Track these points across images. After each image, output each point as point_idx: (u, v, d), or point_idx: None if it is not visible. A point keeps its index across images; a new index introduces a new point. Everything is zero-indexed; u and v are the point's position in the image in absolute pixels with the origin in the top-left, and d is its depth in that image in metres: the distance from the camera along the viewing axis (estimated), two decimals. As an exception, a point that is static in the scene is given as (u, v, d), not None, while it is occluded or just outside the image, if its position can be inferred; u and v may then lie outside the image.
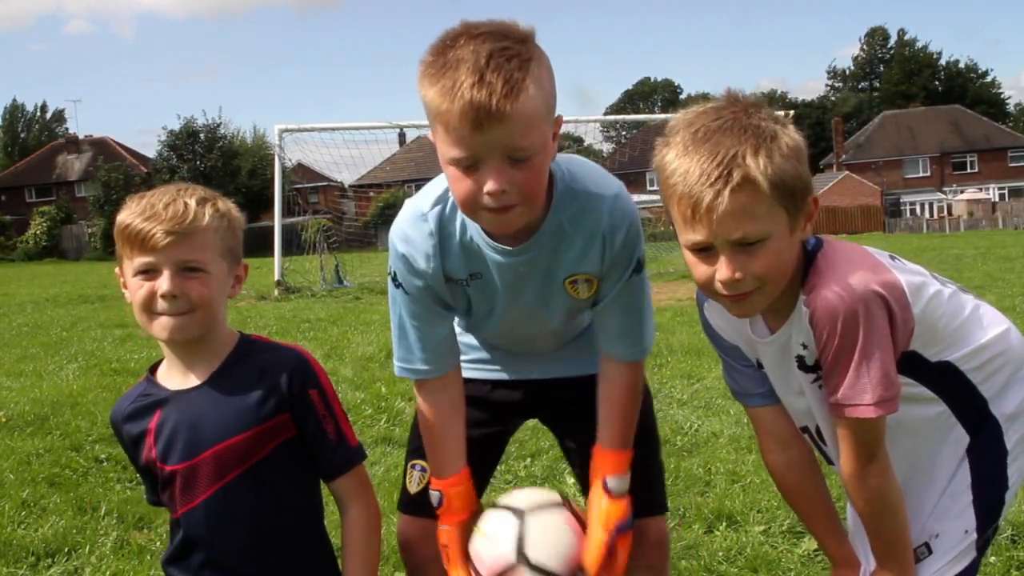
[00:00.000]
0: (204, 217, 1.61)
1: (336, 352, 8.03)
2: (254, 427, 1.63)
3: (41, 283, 21.96)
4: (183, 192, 1.64)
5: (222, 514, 1.65)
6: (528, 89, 1.49)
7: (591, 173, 1.78)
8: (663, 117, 19.93)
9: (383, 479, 4.06)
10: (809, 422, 1.81)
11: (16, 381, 7.03)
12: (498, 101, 1.46)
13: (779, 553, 3.09)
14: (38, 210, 48.79)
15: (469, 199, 1.59)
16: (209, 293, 1.62)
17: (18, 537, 3.48)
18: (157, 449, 1.66)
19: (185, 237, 1.59)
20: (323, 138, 17.42)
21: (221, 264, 1.65)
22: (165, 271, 1.59)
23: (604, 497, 1.82)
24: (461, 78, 1.47)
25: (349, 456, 1.72)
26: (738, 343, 1.84)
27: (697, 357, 6.83)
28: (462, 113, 1.47)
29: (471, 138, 1.50)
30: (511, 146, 1.52)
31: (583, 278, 1.78)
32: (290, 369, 1.67)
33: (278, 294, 15.02)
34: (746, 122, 1.53)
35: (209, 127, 45.97)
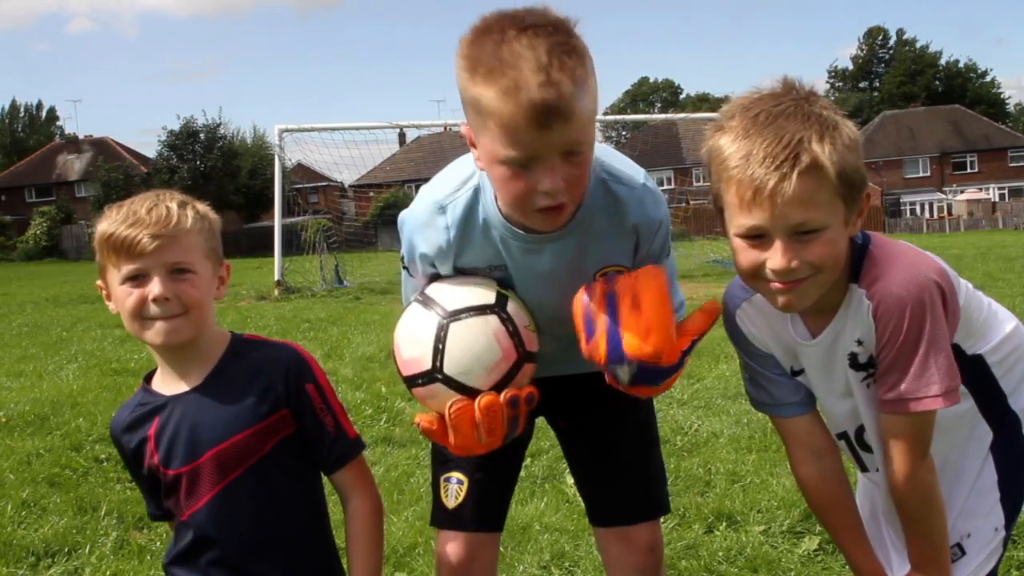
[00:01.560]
0: (187, 219, 1.62)
1: (336, 352, 8.03)
2: (253, 425, 1.64)
3: (41, 283, 21.96)
4: (162, 197, 1.65)
5: (227, 513, 1.65)
6: (589, 84, 1.47)
7: (616, 161, 1.73)
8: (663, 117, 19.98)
9: (383, 479, 4.06)
10: (850, 426, 1.77)
11: (16, 381, 7.03)
12: (567, 101, 1.41)
13: (779, 553, 3.09)
14: (38, 210, 48.76)
15: (522, 199, 1.53)
16: (199, 294, 1.63)
17: (18, 537, 3.48)
18: (159, 454, 1.67)
19: (171, 240, 1.60)
20: (323, 138, 17.44)
21: (206, 265, 1.66)
22: (155, 276, 1.59)
23: None
24: (525, 77, 1.40)
25: (348, 448, 1.73)
26: (774, 350, 1.78)
27: (697, 357, 6.82)
28: (529, 114, 1.41)
29: (534, 138, 1.44)
30: (572, 143, 1.47)
31: (614, 270, 1.71)
32: (285, 365, 1.67)
33: (278, 294, 15.02)
34: (808, 109, 1.49)
35: (209, 127, 45.95)
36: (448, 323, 1.66)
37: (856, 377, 1.67)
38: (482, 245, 1.71)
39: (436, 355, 1.66)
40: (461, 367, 1.65)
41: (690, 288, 13.24)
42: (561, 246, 1.70)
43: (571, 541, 3.26)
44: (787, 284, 1.55)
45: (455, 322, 1.66)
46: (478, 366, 1.65)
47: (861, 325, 1.60)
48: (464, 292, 1.72)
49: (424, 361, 1.67)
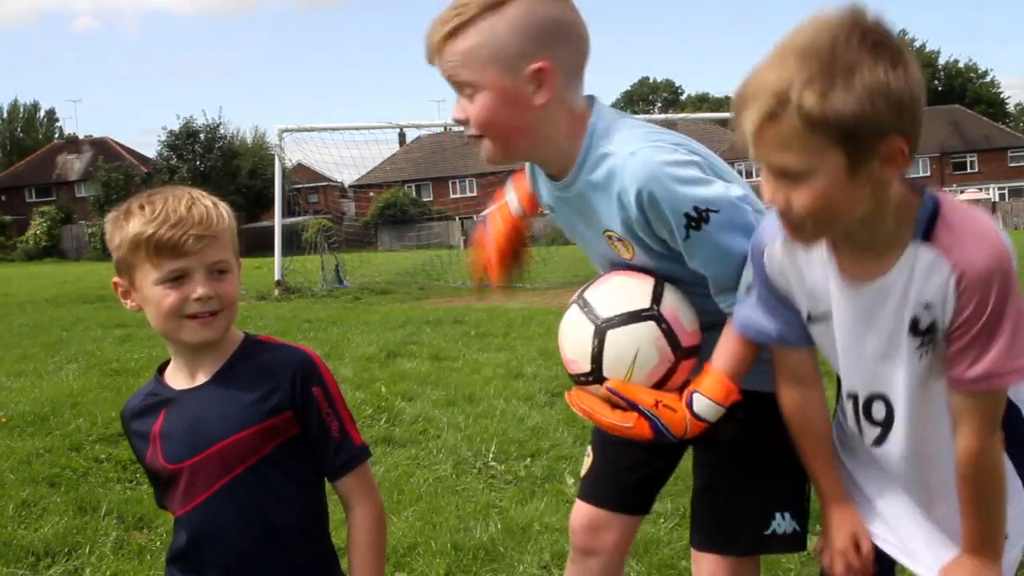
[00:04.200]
0: (224, 218, 1.64)
1: (336, 352, 8.03)
2: (256, 424, 1.64)
3: (41, 283, 21.96)
4: (194, 195, 1.65)
5: (225, 512, 1.65)
6: (469, 30, 1.67)
7: (619, 132, 1.73)
8: (663, 117, 19.96)
9: (383, 479, 4.06)
10: (862, 390, 1.66)
11: (16, 381, 7.03)
12: (438, 39, 1.69)
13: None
14: (38, 210, 48.79)
15: None
16: (235, 292, 1.66)
17: (18, 537, 3.48)
18: (162, 449, 1.68)
19: (213, 240, 1.61)
20: (323, 138, 17.43)
21: (235, 262, 1.68)
22: (197, 275, 1.60)
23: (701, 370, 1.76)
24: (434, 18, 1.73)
25: (353, 455, 1.71)
26: (796, 294, 1.67)
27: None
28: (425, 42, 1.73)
29: (436, 66, 1.74)
30: (450, 79, 1.72)
31: (616, 236, 1.78)
32: (293, 367, 1.67)
33: (278, 294, 15.02)
34: (831, 47, 1.38)
35: (209, 127, 46.00)
36: (604, 330, 1.74)
37: (911, 343, 1.56)
38: (536, 180, 1.95)
39: (594, 361, 1.74)
40: (618, 374, 1.73)
41: (690, 288, 13.22)
42: (572, 196, 1.81)
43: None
44: (782, 224, 1.53)
45: (610, 330, 1.73)
46: (635, 370, 1.73)
47: (933, 290, 1.50)
48: (620, 297, 1.77)
49: (583, 365, 1.76)
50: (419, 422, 5.20)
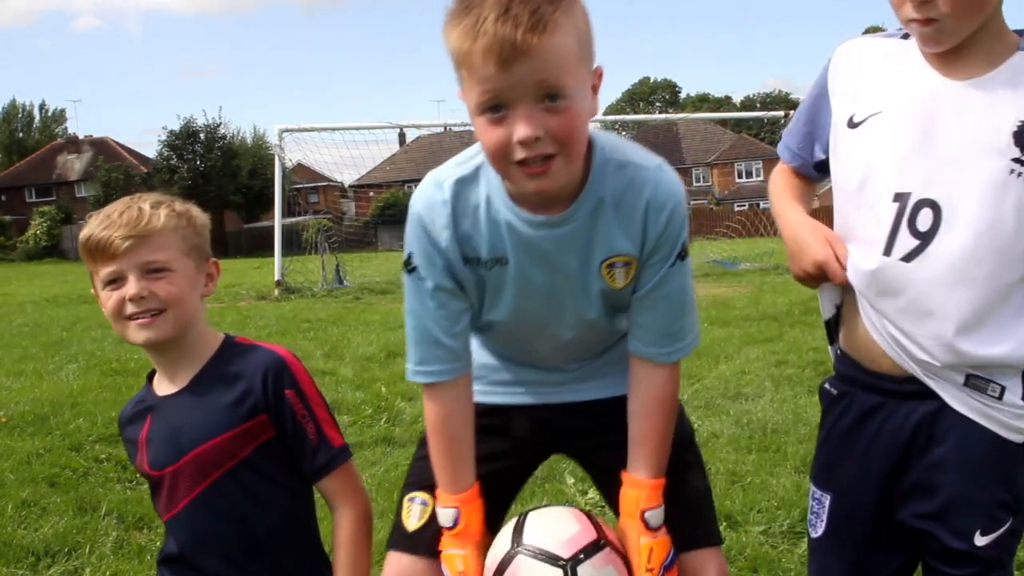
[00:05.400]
0: (160, 218, 1.63)
1: (336, 352, 8.03)
2: (231, 429, 1.64)
3: (41, 283, 21.96)
4: (137, 199, 1.67)
5: (205, 517, 1.66)
6: (558, 22, 1.38)
7: (631, 145, 1.66)
8: (663, 117, 19.99)
9: (383, 479, 4.06)
10: (919, 191, 1.53)
11: (16, 381, 7.03)
12: (524, 33, 1.35)
13: (779, 553, 3.09)
14: (38, 210, 48.78)
15: (499, 152, 1.44)
16: (178, 291, 1.63)
17: (18, 537, 3.48)
18: (148, 455, 1.69)
19: (143, 240, 1.61)
20: (323, 138, 17.45)
21: (187, 262, 1.66)
22: (130, 276, 1.61)
23: (645, 535, 1.65)
24: (485, 14, 1.37)
25: (331, 457, 1.69)
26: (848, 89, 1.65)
27: (697, 357, 6.82)
28: (486, 49, 1.36)
29: (497, 77, 1.38)
30: (542, 84, 1.39)
31: (622, 261, 1.61)
32: (265, 370, 1.66)
33: (278, 294, 15.02)
34: None
35: (209, 127, 45.99)
36: (575, 566, 1.57)
37: (1008, 151, 1.47)
38: (485, 228, 1.61)
39: None
40: None
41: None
42: (568, 231, 1.59)
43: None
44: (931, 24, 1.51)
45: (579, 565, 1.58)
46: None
47: None
48: (557, 526, 1.66)
49: None
50: (419, 422, 5.20)
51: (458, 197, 1.60)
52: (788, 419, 4.80)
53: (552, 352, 1.79)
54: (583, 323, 1.70)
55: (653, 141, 25.47)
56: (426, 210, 1.62)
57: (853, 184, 1.62)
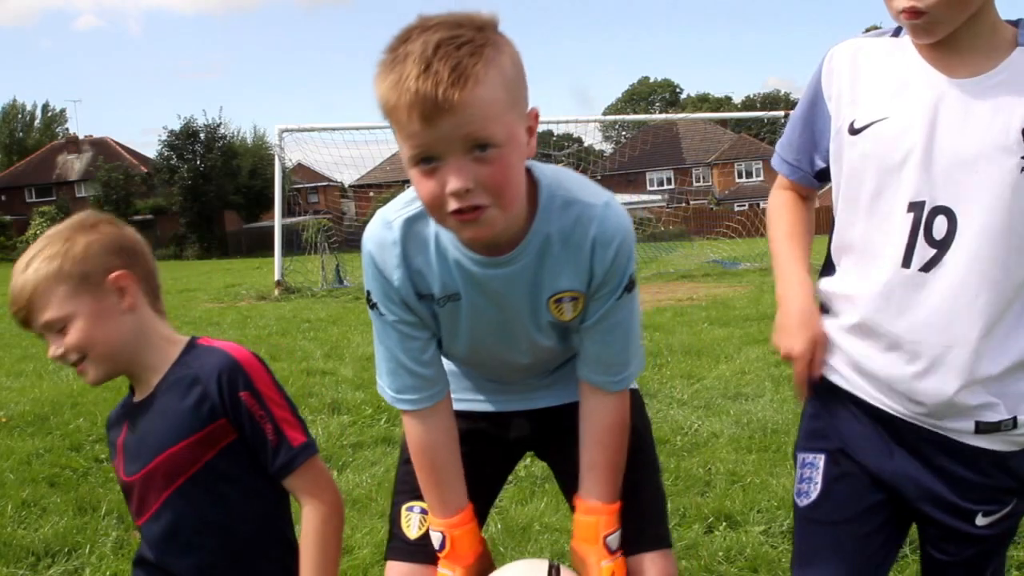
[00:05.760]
0: (29, 283, 1.60)
1: (336, 352, 8.03)
2: (192, 435, 1.62)
3: (41, 283, 21.94)
4: (20, 264, 1.63)
5: (174, 522, 1.65)
6: (479, 75, 1.37)
7: (578, 182, 1.65)
8: (663, 117, 20.00)
9: (383, 479, 4.06)
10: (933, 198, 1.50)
11: (16, 381, 7.03)
12: (445, 89, 1.35)
13: (779, 553, 3.08)
14: (38, 210, 48.74)
15: (434, 203, 1.45)
16: (83, 336, 1.61)
17: (18, 537, 3.48)
18: (124, 461, 1.71)
19: (29, 309, 1.61)
20: (323, 138, 17.43)
21: (79, 301, 1.60)
22: (47, 337, 1.64)
23: (607, 559, 1.69)
24: (407, 70, 1.37)
25: (292, 456, 1.66)
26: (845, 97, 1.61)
27: (697, 357, 6.83)
28: (409, 107, 1.37)
29: (423, 133, 1.39)
30: (469, 137, 1.39)
31: (568, 296, 1.64)
32: (217, 373, 1.63)
33: (278, 294, 15.03)
34: None
35: (209, 127, 45.98)
36: None
37: (1018, 149, 1.45)
38: (437, 266, 1.62)
39: None
40: None
41: (690, 288, 13.25)
42: (515, 270, 1.60)
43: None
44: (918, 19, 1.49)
45: None
46: None
47: None
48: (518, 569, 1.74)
49: None
50: (419, 422, 5.19)
51: (407, 236, 1.61)
52: (788, 419, 4.80)
53: (511, 373, 1.84)
54: (537, 348, 1.74)
55: (653, 141, 25.42)
56: (377, 249, 1.63)
57: (863, 195, 1.58)
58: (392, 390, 1.73)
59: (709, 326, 8.56)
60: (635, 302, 1.69)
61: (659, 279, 14.72)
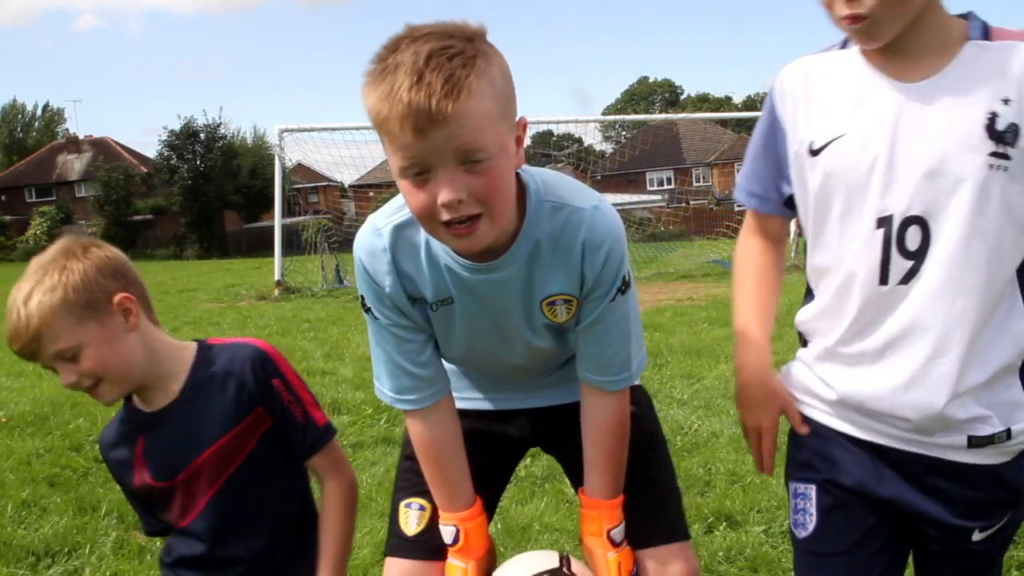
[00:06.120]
0: (34, 318, 1.60)
1: (336, 352, 8.03)
2: (236, 425, 1.70)
3: (41, 283, 21.94)
4: (19, 291, 1.63)
5: (228, 511, 1.72)
6: (472, 86, 1.37)
7: (568, 185, 1.65)
8: (663, 117, 20.00)
9: (383, 479, 4.06)
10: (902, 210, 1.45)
11: (16, 381, 7.04)
12: (438, 101, 1.35)
13: (779, 553, 3.09)
14: (38, 210, 48.78)
15: (425, 214, 1.46)
16: (95, 362, 1.64)
17: (18, 537, 3.49)
18: (149, 471, 1.73)
19: (37, 342, 1.62)
20: (323, 138, 17.39)
21: (86, 329, 1.63)
22: (57, 366, 1.66)
23: (612, 551, 1.73)
24: (399, 81, 1.37)
25: (318, 436, 1.78)
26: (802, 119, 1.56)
27: (697, 357, 6.83)
28: (401, 118, 1.37)
29: (415, 144, 1.39)
30: (461, 149, 1.39)
31: (561, 299, 1.64)
32: (251, 364, 1.73)
33: (278, 294, 15.02)
34: None
35: (209, 127, 45.96)
36: None
37: (984, 149, 1.40)
38: (428, 272, 1.63)
39: None
40: None
41: (690, 288, 13.25)
42: (506, 275, 1.61)
43: (571, 541, 3.25)
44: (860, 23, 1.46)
45: None
46: None
47: (1006, 79, 1.40)
48: (529, 562, 1.76)
49: None
50: (419, 422, 5.20)
51: (397, 242, 1.62)
52: (788, 419, 4.80)
53: (509, 373, 1.85)
54: (533, 350, 1.74)
55: (653, 141, 25.42)
56: (368, 256, 1.65)
57: (831, 216, 1.54)
58: (391, 391, 1.74)
59: (709, 326, 8.56)
60: (631, 303, 1.69)
61: (659, 279, 14.72)
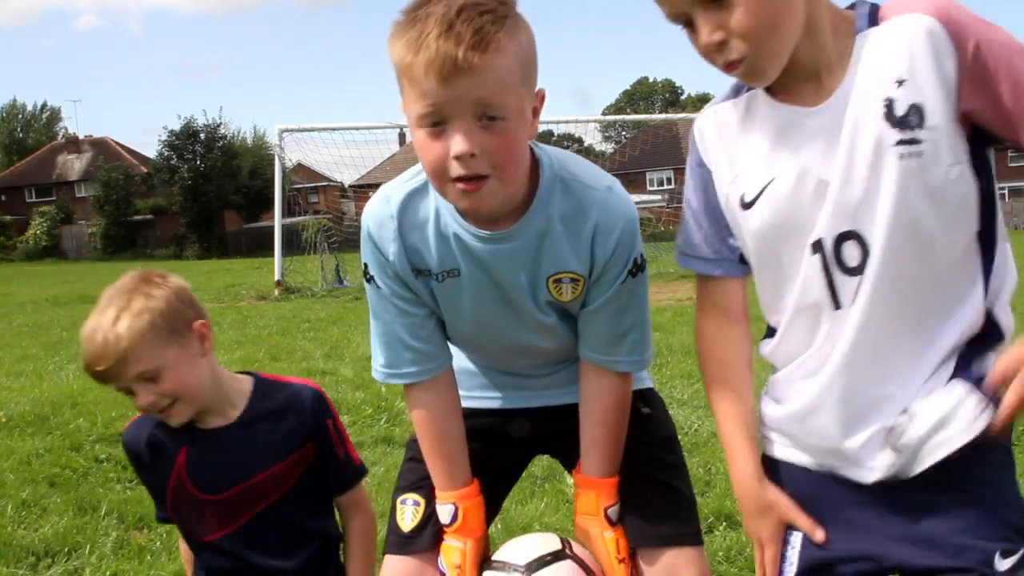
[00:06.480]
0: (123, 339, 1.67)
1: (336, 352, 8.03)
2: (288, 456, 1.82)
3: (41, 283, 21.96)
4: (104, 313, 1.69)
5: (259, 534, 1.82)
6: (500, 42, 1.38)
7: (581, 164, 1.65)
8: (663, 117, 19.99)
9: (383, 479, 4.07)
10: (831, 230, 1.35)
11: (16, 381, 7.03)
12: (466, 51, 1.36)
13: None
14: (38, 210, 48.83)
15: (437, 166, 1.46)
16: (176, 383, 1.72)
17: (18, 537, 3.48)
18: (191, 480, 1.81)
19: (123, 362, 1.67)
20: (323, 138, 17.43)
21: (169, 352, 1.71)
22: (135, 388, 1.71)
23: (608, 530, 1.73)
24: (428, 28, 1.38)
25: (355, 474, 1.93)
26: (726, 176, 1.46)
27: (697, 357, 6.81)
28: (428, 64, 1.37)
29: (437, 92, 1.39)
30: (481, 102, 1.40)
31: (568, 277, 1.63)
32: (310, 404, 1.87)
33: (278, 294, 15.03)
34: None
35: (209, 127, 45.96)
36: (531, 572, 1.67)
37: (891, 140, 1.28)
38: (434, 241, 1.63)
39: None
40: None
41: (689, 288, 13.21)
42: (515, 247, 1.60)
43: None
44: (735, 63, 1.37)
45: (538, 572, 1.66)
46: None
47: (901, 58, 1.27)
48: (530, 543, 1.75)
49: None
50: (419, 422, 5.20)
51: (405, 211, 1.63)
52: (788, 419, 4.80)
53: (520, 356, 1.82)
54: (542, 327, 1.72)
55: (653, 141, 25.39)
56: (374, 223, 1.66)
57: (774, 259, 1.45)
58: (384, 365, 1.74)
59: (709, 326, 8.55)
60: (643, 285, 1.69)
61: (659, 279, 14.71)
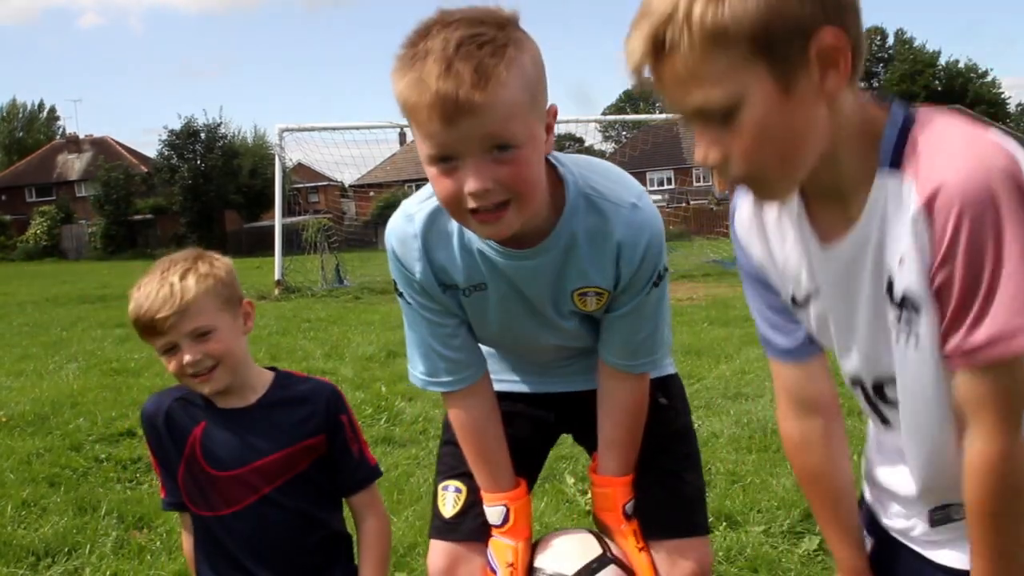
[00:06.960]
0: (191, 290, 1.75)
1: (336, 352, 8.03)
2: (298, 443, 1.84)
3: (41, 283, 21.95)
4: (165, 270, 1.79)
5: (264, 517, 1.83)
6: (501, 76, 1.36)
7: (607, 177, 1.63)
8: (663, 117, 19.95)
9: (383, 479, 4.05)
10: (866, 374, 1.30)
11: (16, 381, 7.03)
12: (467, 90, 1.33)
13: (779, 553, 3.09)
14: (38, 210, 48.74)
15: (452, 202, 1.45)
16: (224, 347, 1.79)
17: (18, 537, 3.49)
18: (204, 455, 1.84)
19: (183, 314, 1.74)
20: (323, 138, 17.42)
21: (224, 316, 1.80)
22: (182, 345, 1.76)
23: (625, 524, 1.81)
24: (428, 69, 1.35)
25: (368, 473, 1.92)
26: (771, 272, 1.38)
27: (697, 357, 6.83)
28: (430, 107, 1.36)
29: (443, 133, 1.38)
30: (489, 137, 1.38)
31: (593, 291, 1.65)
32: (326, 397, 1.90)
33: (278, 293, 15.02)
34: None
35: (210, 127, 45.93)
36: None
37: (889, 313, 1.20)
38: (460, 257, 1.63)
39: None
40: None
41: (689, 288, 13.25)
42: (540, 263, 1.61)
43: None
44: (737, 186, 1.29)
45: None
46: None
47: (904, 233, 1.13)
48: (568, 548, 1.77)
49: None
50: (419, 422, 5.21)
51: (429, 229, 1.64)
52: (788, 419, 4.80)
53: (542, 353, 1.86)
54: (565, 331, 1.76)
55: (653, 141, 25.38)
56: (398, 243, 1.67)
57: None
58: (424, 374, 1.78)
59: (709, 326, 8.57)
60: (664, 292, 1.71)
61: (659, 279, 14.70)
